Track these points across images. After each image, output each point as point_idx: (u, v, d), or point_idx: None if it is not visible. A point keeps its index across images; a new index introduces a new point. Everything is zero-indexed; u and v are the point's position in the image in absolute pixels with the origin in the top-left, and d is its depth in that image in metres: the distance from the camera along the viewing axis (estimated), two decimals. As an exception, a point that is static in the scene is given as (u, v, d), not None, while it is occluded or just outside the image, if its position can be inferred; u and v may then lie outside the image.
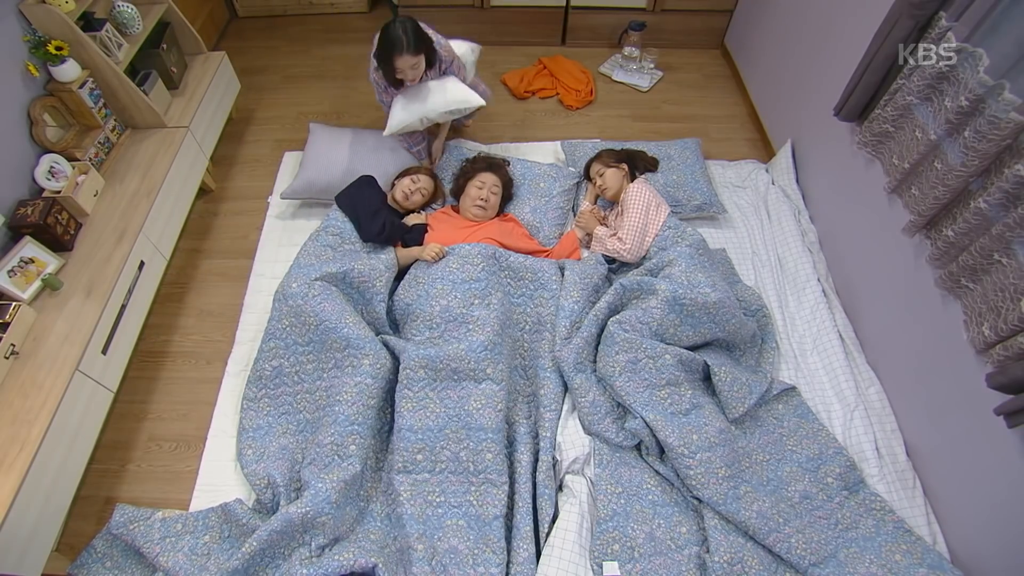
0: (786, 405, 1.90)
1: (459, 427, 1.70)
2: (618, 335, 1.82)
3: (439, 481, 1.65)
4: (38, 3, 1.98)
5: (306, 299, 1.87)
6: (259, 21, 3.69)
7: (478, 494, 1.64)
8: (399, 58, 2.01)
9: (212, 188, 2.70)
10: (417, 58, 2.04)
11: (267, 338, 1.91)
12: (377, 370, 1.76)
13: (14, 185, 1.97)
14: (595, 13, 3.37)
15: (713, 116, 3.13)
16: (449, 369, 1.77)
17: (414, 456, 1.66)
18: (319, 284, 1.91)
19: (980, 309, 1.50)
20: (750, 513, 1.62)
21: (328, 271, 1.95)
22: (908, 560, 1.58)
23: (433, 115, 2.26)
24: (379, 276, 2.01)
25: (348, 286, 1.99)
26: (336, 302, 1.88)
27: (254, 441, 1.81)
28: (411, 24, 2.01)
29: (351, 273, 1.98)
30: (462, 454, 1.67)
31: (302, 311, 1.86)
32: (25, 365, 1.70)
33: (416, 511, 1.61)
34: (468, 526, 1.59)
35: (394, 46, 1.99)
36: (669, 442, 1.70)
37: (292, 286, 1.91)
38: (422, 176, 2.33)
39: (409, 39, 1.98)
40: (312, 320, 1.84)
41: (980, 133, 1.47)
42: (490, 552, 1.55)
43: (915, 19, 1.69)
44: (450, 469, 1.67)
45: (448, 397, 1.75)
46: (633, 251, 2.14)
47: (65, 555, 1.71)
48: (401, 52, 1.99)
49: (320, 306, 1.85)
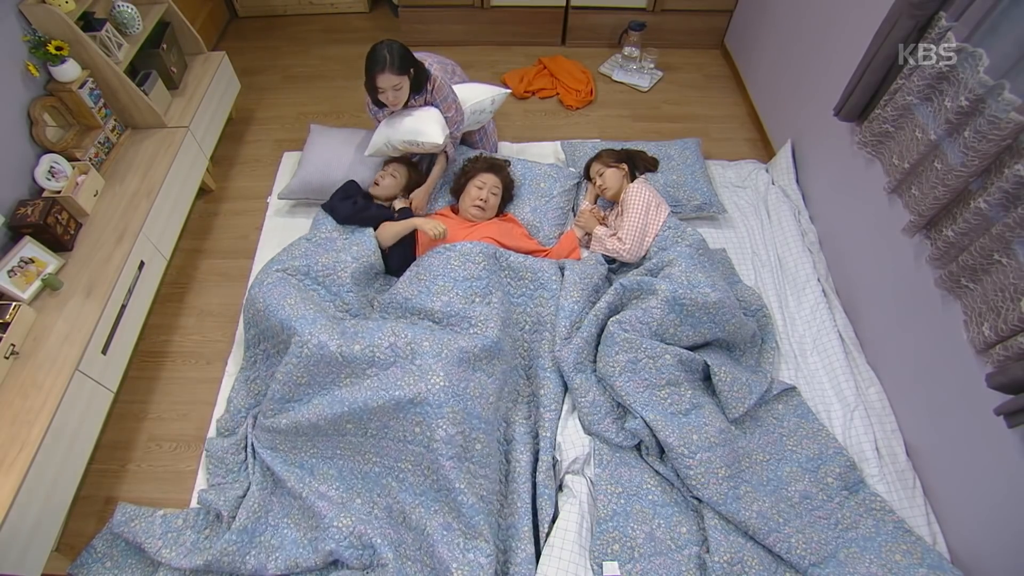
0: (786, 405, 1.90)
1: (459, 408, 1.65)
2: (618, 335, 1.82)
3: (433, 459, 1.63)
4: (38, 3, 1.99)
5: (260, 287, 1.92)
6: (259, 21, 3.69)
7: (467, 480, 1.61)
8: (380, 76, 2.00)
9: (212, 188, 2.70)
10: (399, 79, 2.02)
11: (244, 327, 1.99)
12: (300, 348, 1.74)
13: (14, 185, 1.98)
14: (595, 13, 3.37)
15: (713, 116, 3.13)
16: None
17: (412, 428, 1.64)
18: (277, 274, 1.94)
19: (980, 309, 1.50)
20: (750, 513, 1.62)
21: (292, 264, 1.98)
22: (908, 560, 1.58)
23: (396, 142, 2.26)
24: (344, 268, 2.01)
25: (313, 281, 2.00)
26: (284, 287, 1.90)
27: (244, 420, 1.90)
28: (397, 45, 2.01)
29: (314, 267, 1.99)
30: (457, 437, 1.63)
31: (255, 299, 1.91)
32: (25, 365, 1.70)
33: (416, 480, 1.64)
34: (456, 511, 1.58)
35: (376, 63, 1.99)
36: (669, 442, 1.70)
37: (258, 277, 1.97)
38: (392, 163, 2.36)
39: (393, 58, 1.98)
40: (261, 307, 1.89)
41: (980, 133, 1.47)
42: (482, 541, 1.54)
43: (915, 19, 1.69)
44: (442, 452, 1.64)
45: (452, 373, 1.70)
46: (632, 251, 2.14)
47: (65, 555, 1.71)
48: (383, 70, 1.98)
49: (269, 291, 1.89)
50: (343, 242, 2.13)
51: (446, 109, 2.25)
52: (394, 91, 2.05)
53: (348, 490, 1.71)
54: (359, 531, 1.60)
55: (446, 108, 2.25)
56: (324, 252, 2.06)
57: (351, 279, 2.00)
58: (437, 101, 2.23)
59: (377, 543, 1.58)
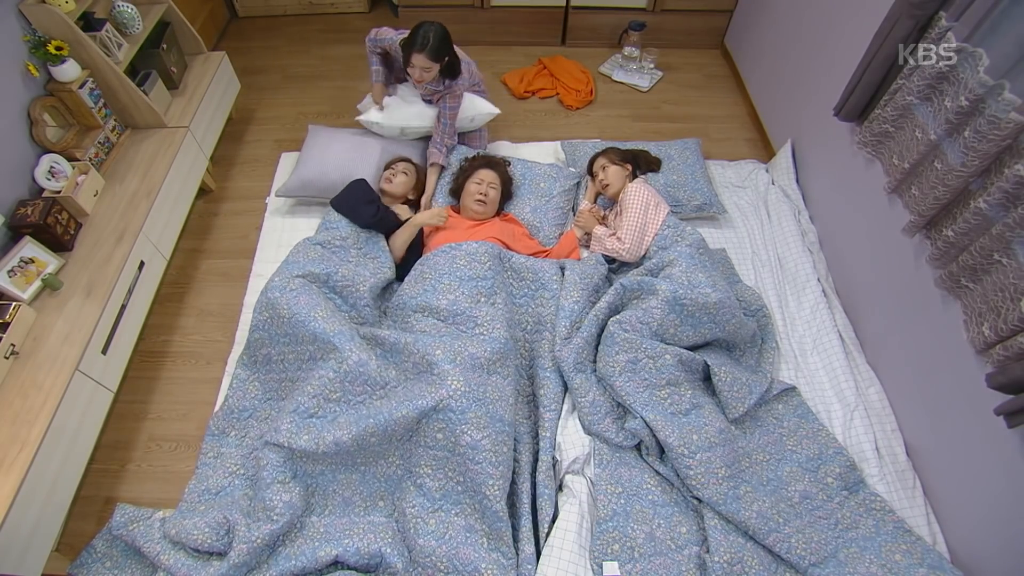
0: (786, 405, 1.90)
1: (481, 413, 1.64)
2: (618, 335, 1.82)
3: (460, 463, 1.63)
4: (38, 3, 1.98)
5: (283, 292, 1.88)
6: (259, 21, 3.69)
7: (499, 487, 1.61)
8: (415, 55, 2.11)
9: (212, 188, 2.70)
10: (432, 64, 2.14)
11: (252, 329, 1.94)
12: (339, 364, 1.74)
13: (14, 185, 1.98)
14: (595, 13, 3.37)
15: (713, 116, 3.13)
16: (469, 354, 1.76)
17: (435, 435, 1.64)
18: (298, 280, 1.92)
19: (980, 309, 1.50)
20: (750, 513, 1.62)
21: (311, 270, 1.96)
22: (908, 560, 1.58)
23: (415, 128, 2.46)
24: (363, 281, 2.02)
25: (331, 290, 1.99)
26: (311, 296, 1.88)
27: (238, 422, 1.88)
28: (439, 29, 2.12)
29: (334, 276, 1.98)
30: (484, 441, 1.62)
31: (277, 304, 1.87)
32: (25, 365, 1.70)
33: (436, 484, 1.63)
34: (481, 513, 1.59)
35: (415, 43, 2.10)
36: (669, 442, 1.70)
37: (274, 280, 1.93)
38: (401, 162, 2.38)
39: (430, 42, 2.09)
40: (285, 313, 1.85)
41: (980, 133, 1.47)
42: (504, 546, 1.55)
43: (915, 19, 1.69)
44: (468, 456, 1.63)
45: (470, 378, 1.70)
46: (632, 250, 2.14)
47: (65, 555, 1.71)
48: (420, 50, 2.09)
49: (295, 299, 1.86)
50: (357, 252, 2.12)
51: (450, 116, 2.38)
52: (423, 71, 2.16)
53: (371, 495, 1.71)
54: (368, 539, 1.60)
55: (451, 116, 2.38)
56: (342, 263, 2.06)
57: (369, 292, 2.01)
58: (445, 105, 2.35)
59: (387, 552, 1.58)
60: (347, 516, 1.68)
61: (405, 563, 1.57)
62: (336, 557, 1.57)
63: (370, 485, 1.72)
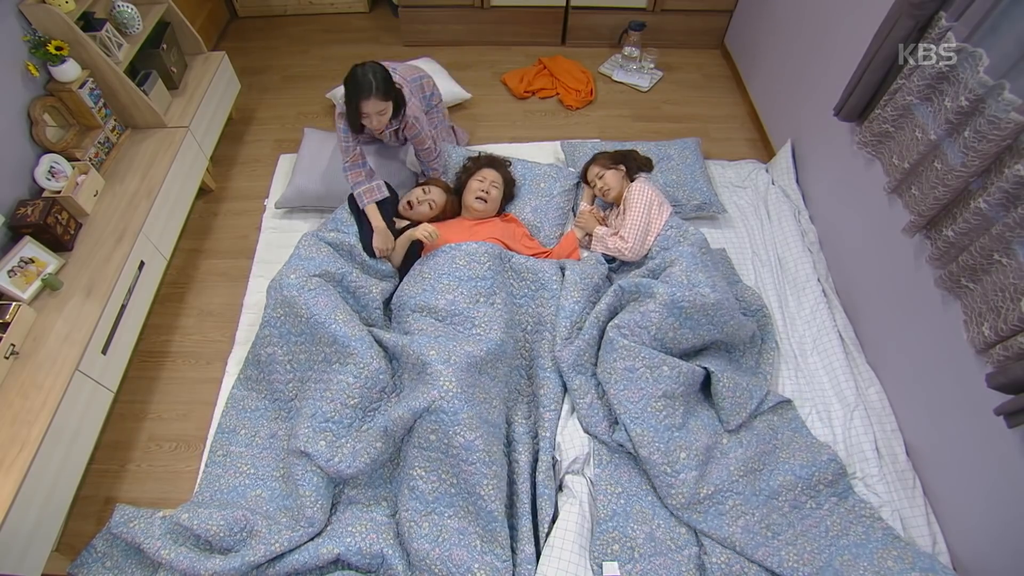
0: (781, 417, 1.88)
1: (473, 414, 1.64)
2: (617, 341, 1.81)
3: (453, 464, 1.63)
4: (38, 3, 1.98)
5: (301, 291, 1.86)
6: (259, 21, 3.69)
7: (494, 486, 1.61)
8: (366, 102, 1.92)
9: (212, 188, 2.70)
10: (384, 104, 1.97)
11: (263, 325, 1.92)
12: (360, 370, 1.76)
13: (14, 185, 1.98)
14: (595, 13, 3.36)
15: (713, 116, 3.13)
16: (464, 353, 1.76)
17: (428, 436, 1.64)
18: (316, 279, 1.91)
19: (980, 309, 1.50)
20: (734, 528, 1.62)
21: (327, 269, 1.95)
22: (900, 565, 1.57)
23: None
24: (375, 284, 2.04)
25: (344, 289, 1.99)
26: (330, 298, 1.88)
27: (249, 422, 1.89)
28: (380, 68, 1.94)
29: (349, 276, 1.99)
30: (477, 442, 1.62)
31: (295, 303, 1.86)
32: (25, 365, 1.70)
33: (430, 487, 1.63)
34: (475, 514, 1.59)
35: (362, 89, 1.91)
36: (653, 459, 1.68)
37: (290, 277, 1.90)
38: (434, 188, 2.28)
39: (378, 83, 1.91)
40: (304, 313, 1.84)
41: (980, 133, 1.47)
42: (498, 547, 1.55)
43: (915, 19, 1.69)
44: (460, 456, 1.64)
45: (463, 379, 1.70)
46: (635, 249, 2.14)
47: (65, 555, 1.71)
48: (368, 96, 1.91)
49: (314, 300, 1.85)
50: (363, 259, 2.12)
51: (420, 144, 2.27)
52: (378, 116, 1.98)
53: (375, 495, 1.72)
54: (370, 539, 1.60)
55: (420, 143, 2.26)
56: (354, 265, 2.07)
57: (380, 295, 2.04)
58: (410, 137, 2.25)
59: (388, 553, 1.58)
60: (349, 510, 1.68)
61: (404, 565, 1.57)
62: (338, 556, 1.57)
63: (375, 487, 1.73)
